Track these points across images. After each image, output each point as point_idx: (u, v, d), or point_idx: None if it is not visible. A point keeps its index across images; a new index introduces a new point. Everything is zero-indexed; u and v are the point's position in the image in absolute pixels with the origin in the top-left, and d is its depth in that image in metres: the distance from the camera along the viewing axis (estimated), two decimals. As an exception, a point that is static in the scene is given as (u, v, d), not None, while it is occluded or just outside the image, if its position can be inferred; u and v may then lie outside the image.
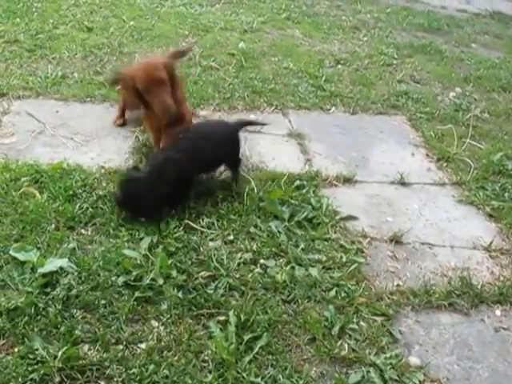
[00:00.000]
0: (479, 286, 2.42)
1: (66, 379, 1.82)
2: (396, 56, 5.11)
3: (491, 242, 2.73)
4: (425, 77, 4.72)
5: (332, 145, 3.46)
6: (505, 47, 5.91)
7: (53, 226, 2.47)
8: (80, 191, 2.71)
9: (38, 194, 2.66)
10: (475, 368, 2.08)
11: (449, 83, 4.62)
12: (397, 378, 1.96)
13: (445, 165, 3.37)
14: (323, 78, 4.33)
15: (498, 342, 2.21)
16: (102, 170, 2.91)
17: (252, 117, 3.69)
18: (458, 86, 4.57)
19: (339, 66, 4.70)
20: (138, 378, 1.85)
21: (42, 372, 1.82)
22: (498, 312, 2.33)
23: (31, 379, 1.80)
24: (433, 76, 4.75)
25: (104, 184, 2.77)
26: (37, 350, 1.88)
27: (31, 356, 1.87)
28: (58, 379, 1.82)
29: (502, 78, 4.82)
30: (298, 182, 2.94)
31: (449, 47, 5.57)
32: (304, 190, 2.89)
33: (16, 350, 1.90)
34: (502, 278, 2.49)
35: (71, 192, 2.69)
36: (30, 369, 1.83)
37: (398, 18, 6.42)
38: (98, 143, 3.22)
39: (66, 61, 4.20)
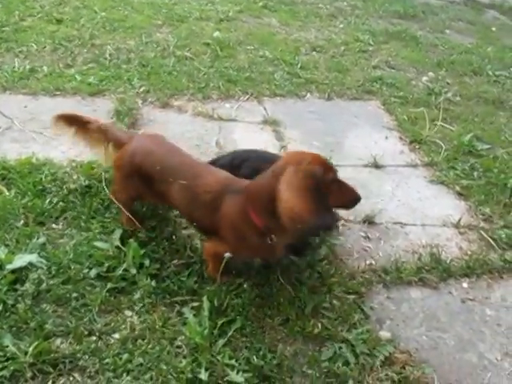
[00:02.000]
0: (448, 261, 2.54)
1: (38, 374, 1.87)
2: (372, 42, 5.21)
3: (460, 219, 2.85)
4: (399, 62, 4.83)
5: (307, 131, 3.55)
6: (477, 33, 6.05)
7: (21, 221, 2.49)
8: (50, 186, 2.73)
9: (5, 191, 2.67)
10: (443, 337, 2.20)
11: (422, 68, 4.75)
12: (368, 351, 2.06)
13: (417, 147, 3.49)
14: (299, 66, 4.43)
15: (464, 313, 2.33)
16: (73, 164, 2.92)
17: (227, 106, 3.76)
18: (432, 70, 4.70)
19: (315, 54, 4.80)
20: (112, 367, 1.91)
21: (13, 368, 1.85)
22: (465, 284, 2.46)
23: (2, 376, 1.83)
24: (407, 61, 4.87)
25: (75, 177, 2.79)
26: (7, 346, 1.91)
27: (1, 353, 1.89)
28: (29, 374, 1.86)
29: (473, 63, 4.96)
30: (271, 168, 3.01)
31: (423, 33, 5.70)
32: (277, 176, 2.96)
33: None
34: (469, 253, 2.62)
35: (41, 187, 2.71)
36: (0, 366, 1.86)
37: (374, 6, 6.54)
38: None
39: (35, 54, 4.19)
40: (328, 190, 1.92)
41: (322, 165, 1.93)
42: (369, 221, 2.77)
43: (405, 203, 2.97)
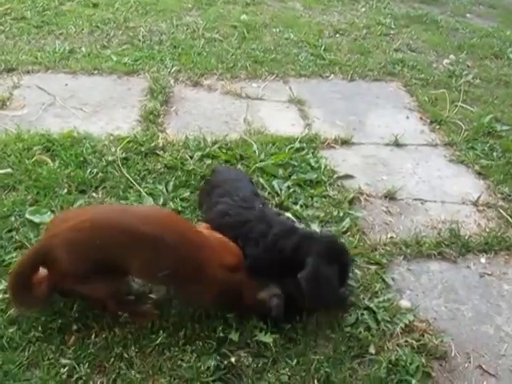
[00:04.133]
0: (466, 237, 2.51)
1: (82, 327, 1.93)
2: (393, 26, 5.11)
3: (479, 197, 2.81)
4: (420, 45, 4.73)
5: (331, 110, 3.53)
6: (498, 17, 5.88)
7: (65, 190, 2.55)
8: (90, 157, 2.78)
9: (50, 162, 2.73)
10: (460, 309, 2.19)
11: (443, 51, 4.64)
12: (388, 319, 2.07)
13: (437, 127, 3.44)
14: (322, 48, 4.37)
15: (482, 287, 2.31)
16: (111, 138, 2.97)
17: (254, 85, 3.75)
18: (452, 53, 4.59)
19: (338, 36, 4.72)
20: (149, 325, 1.94)
21: (60, 322, 1.92)
22: (482, 260, 2.44)
23: (50, 328, 1.90)
24: (428, 45, 4.76)
25: (113, 150, 2.84)
26: (54, 302, 1.98)
27: (49, 308, 1.96)
28: (75, 328, 1.92)
29: (494, 46, 4.83)
30: (297, 145, 3.01)
31: (444, 17, 5.55)
32: (303, 152, 2.97)
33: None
34: (487, 230, 2.59)
35: (82, 158, 2.77)
36: (49, 319, 1.93)
37: (396, -10, 6.38)
38: (107, 113, 3.29)
39: (73, 36, 4.23)
40: None
41: None
42: (390, 196, 2.75)
43: (425, 181, 2.94)
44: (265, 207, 2.23)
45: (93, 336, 1.90)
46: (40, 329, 1.88)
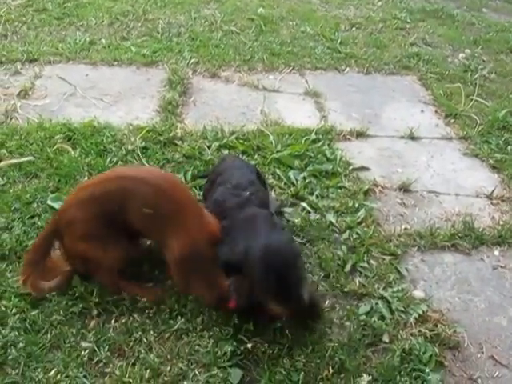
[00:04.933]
0: (480, 230, 2.49)
1: (102, 312, 1.95)
2: (409, 20, 5.03)
3: (493, 191, 2.78)
4: (436, 40, 4.67)
5: (346, 102, 3.50)
6: (515, 11, 5.79)
7: (86, 178, 2.56)
8: (110, 146, 2.80)
9: (71, 150, 2.75)
10: (473, 300, 2.18)
11: (459, 45, 4.57)
12: (402, 308, 2.06)
13: (452, 121, 3.40)
14: (339, 41, 4.33)
15: (495, 279, 2.29)
16: (131, 127, 2.98)
17: (271, 77, 3.73)
18: (468, 48, 4.51)
19: (354, 30, 4.67)
20: (168, 310, 1.96)
21: (81, 306, 1.94)
22: (496, 252, 2.42)
23: (72, 312, 1.93)
24: (444, 39, 4.69)
25: (132, 139, 2.85)
26: (75, 287, 2.00)
27: (71, 292, 1.99)
28: (95, 312, 1.94)
29: (510, 41, 4.73)
30: (313, 136, 3.00)
31: (460, 12, 5.46)
32: (319, 144, 2.95)
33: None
34: (501, 223, 2.56)
35: (102, 147, 2.78)
36: (70, 303, 1.95)
37: (411, -16, 6.29)
38: (126, 103, 3.30)
39: (94, 27, 4.24)
40: None
41: None
42: (404, 188, 2.73)
43: (439, 174, 2.91)
44: (253, 195, 2.12)
45: (112, 321, 1.92)
46: (61, 313, 1.91)
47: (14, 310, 1.89)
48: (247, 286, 1.82)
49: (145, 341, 1.85)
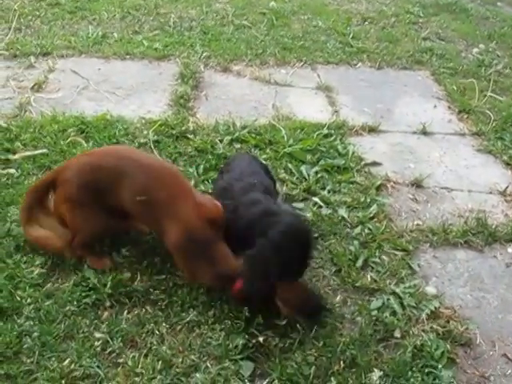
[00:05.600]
0: (493, 226, 2.47)
1: (115, 304, 1.96)
2: (422, 14, 5.00)
3: (507, 187, 2.75)
4: (449, 34, 4.63)
5: (358, 97, 3.49)
6: (530, 6, 5.72)
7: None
8: (123, 139, 2.81)
9: (84, 143, 2.76)
10: (486, 298, 2.16)
11: (473, 40, 4.53)
12: (414, 304, 2.04)
13: (465, 116, 3.37)
14: (351, 36, 4.31)
15: (508, 276, 2.27)
16: (143, 121, 2.99)
17: (283, 71, 3.73)
18: (482, 42, 4.48)
19: (366, 24, 4.65)
20: (180, 302, 1.97)
21: (95, 297, 1.96)
22: (509, 250, 2.39)
23: (85, 303, 1.94)
24: (457, 33, 4.66)
25: (145, 132, 2.86)
26: (88, 278, 2.01)
27: (84, 284, 2.00)
28: (108, 304, 1.95)
29: (526, 36, 4.70)
30: (325, 131, 2.99)
31: (474, 6, 5.41)
32: (331, 138, 2.95)
33: (71, 279, 2.03)
34: (515, 220, 2.54)
35: (115, 140, 2.79)
36: (83, 294, 1.97)
37: (425, -22, 6.23)
38: (139, 96, 3.30)
39: (106, 21, 4.26)
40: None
41: None
42: (417, 184, 2.72)
43: (452, 170, 2.89)
44: (256, 184, 2.13)
45: (125, 312, 1.93)
46: (75, 303, 1.92)
47: (28, 300, 1.91)
48: (259, 265, 1.83)
49: (157, 332, 1.86)
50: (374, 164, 2.84)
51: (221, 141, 2.84)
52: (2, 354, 1.74)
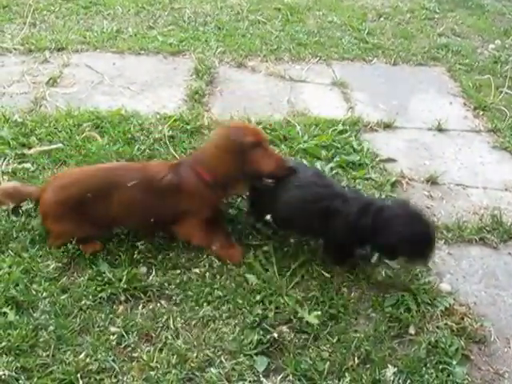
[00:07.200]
0: (509, 224, 2.45)
1: (130, 298, 1.98)
2: (437, 10, 4.96)
3: (523, 184, 2.74)
4: (465, 30, 4.59)
5: (373, 93, 3.47)
6: (548, 1, 5.63)
7: (114, 165, 2.59)
8: (138, 135, 2.82)
9: (99, 138, 2.78)
10: (501, 295, 2.15)
11: (489, 36, 4.49)
12: (429, 301, 2.04)
13: (481, 113, 3.35)
14: (366, 31, 4.30)
15: (523, 274, 2.26)
16: (158, 116, 3.00)
17: (297, 67, 3.72)
18: (498, 39, 4.43)
19: (381, 20, 4.62)
20: (195, 297, 1.98)
21: (110, 292, 1.97)
22: (524, 247, 2.37)
23: (100, 297, 1.96)
24: (473, 30, 4.61)
25: (160, 128, 2.87)
26: (104, 273, 2.03)
27: (99, 278, 2.02)
28: (123, 298, 1.97)
29: (542, 31, 4.63)
30: (340, 127, 2.98)
31: (490, 1, 5.35)
32: (346, 135, 2.94)
33: (86, 273, 2.05)
34: (530, 218, 2.51)
35: (129, 135, 2.80)
36: (99, 289, 1.98)
37: (440, -26, 6.17)
38: (153, 92, 3.32)
39: (120, 16, 4.28)
40: (248, 153, 2.06)
41: (246, 131, 2.11)
42: (432, 181, 2.71)
43: (467, 166, 2.87)
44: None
45: (140, 307, 1.95)
46: (90, 298, 1.94)
47: (44, 294, 1.93)
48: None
49: (172, 327, 1.87)
50: (389, 160, 2.83)
51: (235, 136, 2.83)
52: (18, 347, 1.76)
